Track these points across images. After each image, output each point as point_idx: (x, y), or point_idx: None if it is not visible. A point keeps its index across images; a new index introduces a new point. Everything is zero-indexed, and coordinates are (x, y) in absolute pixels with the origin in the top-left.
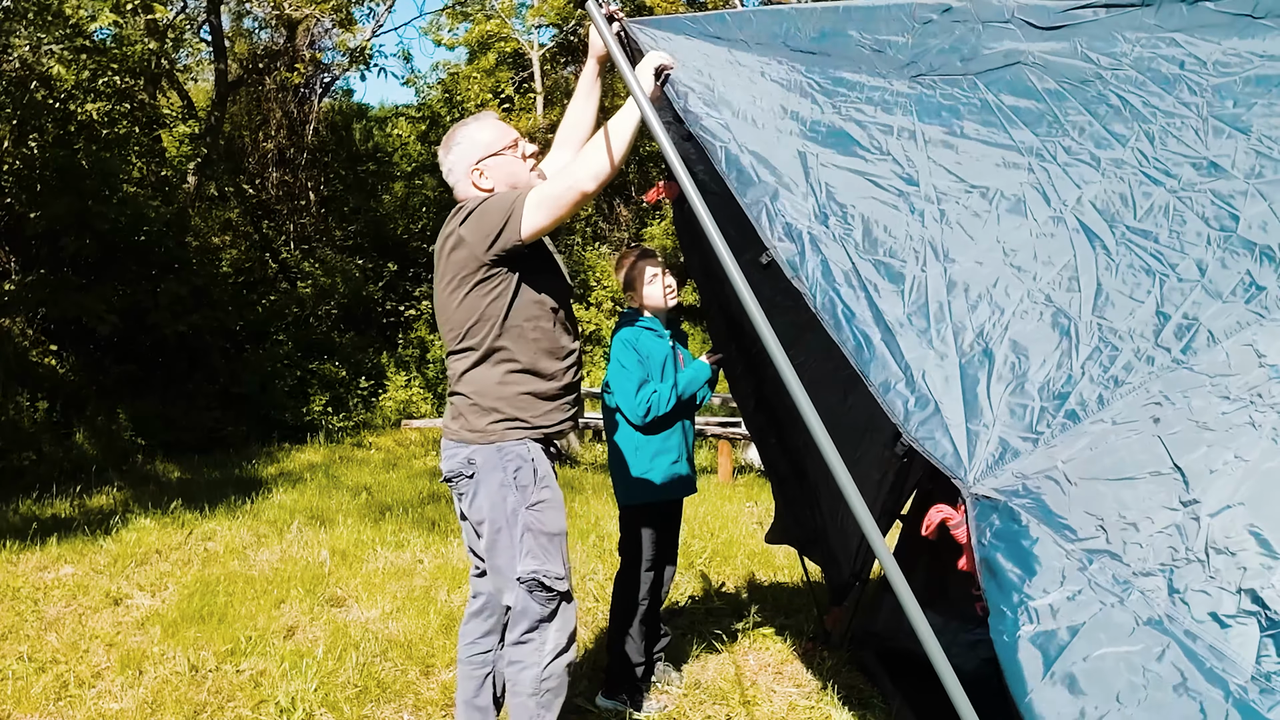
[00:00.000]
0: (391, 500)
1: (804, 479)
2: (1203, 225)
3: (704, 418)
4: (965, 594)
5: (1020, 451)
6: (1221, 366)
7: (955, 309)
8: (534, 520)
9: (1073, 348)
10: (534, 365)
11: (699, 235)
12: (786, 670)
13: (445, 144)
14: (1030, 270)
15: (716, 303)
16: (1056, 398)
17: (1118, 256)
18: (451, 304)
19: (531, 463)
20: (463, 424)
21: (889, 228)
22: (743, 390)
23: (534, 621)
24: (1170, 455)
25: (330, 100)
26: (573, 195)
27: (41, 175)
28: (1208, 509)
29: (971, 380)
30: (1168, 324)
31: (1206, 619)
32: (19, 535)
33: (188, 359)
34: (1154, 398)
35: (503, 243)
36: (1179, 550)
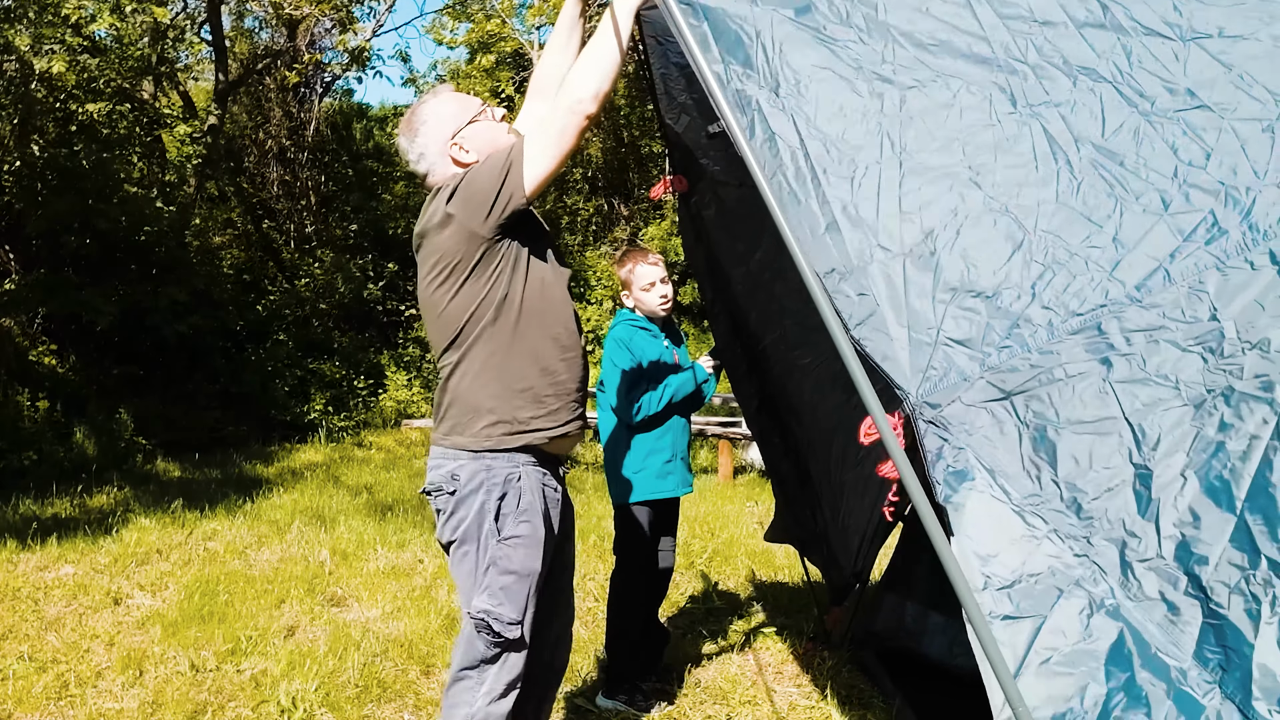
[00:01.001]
0: (392, 500)
1: (805, 479)
2: (1171, 156)
3: (704, 418)
4: None
5: (965, 372)
6: (1175, 311)
7: (906, 204)
8: (502, 555)
9: (1025, 265)
10: (540, 357)
11: (703, 233)
12: (787, 670)
13: (407, 128)
14: (990, 174)
15: (720, 301)
16: (1005, 316)
17: (1080, 174)
18: (444, 299)
19: (519, 491)
20: (453, 429)
21: (844, 107)
22: (745, 390)
23: (475, 660)
24: (1121, 404)
25: (330, 100)
26: (578, 121)
27: (42, 175)
28: (1161, 479)
29: (917, 285)
30: (1125, 256)
31: (1155, 596)
32: (19, 535)
33: (188, 358)
34: (1108, 337)
35: (505, 205)
36: (1129, 519)
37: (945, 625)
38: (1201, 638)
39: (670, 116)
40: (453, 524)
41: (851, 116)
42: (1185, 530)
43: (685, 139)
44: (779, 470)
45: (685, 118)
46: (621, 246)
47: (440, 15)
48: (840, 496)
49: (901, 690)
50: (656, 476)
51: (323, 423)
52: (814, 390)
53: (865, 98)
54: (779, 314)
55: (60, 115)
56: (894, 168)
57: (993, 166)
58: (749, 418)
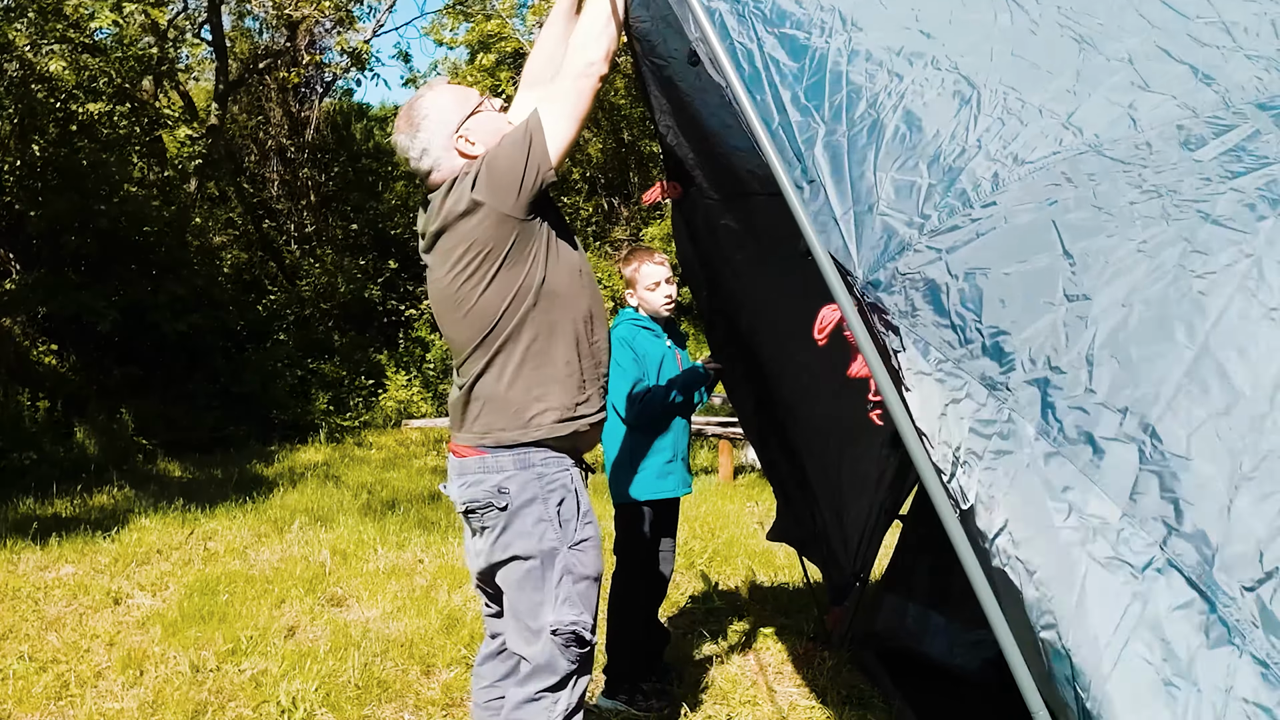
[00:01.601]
0: (392, 500)
1: (803, 479)
2: (1140, 21)
3: (704, 418)
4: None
5: (906, 241)
6: (1140, 155)
7: (851, 77)
8: (575, 562)
9: (972, 118)
10: (579, 340)
11: (696, 237)
12: (787, 670)
13: (407, 124)
14: (940, 38)
15: (715, 304)
16: (947, 173)
17: (1041, 30)
18: (474, 292)
19: (575, 493)
20: (491, 428)
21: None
22: (742, 392)
23: (557, 677)
24: (1061, 240)
25: (330, 100)
26: (591, 84)
27: (42, 175)
28: (1098, 308)
29: (858, 156)
30: (1085, 103)
31: (1079, 438)
32: (20, 534)
33: (189, 358)
34: (1054, 179)
35: (533, 178)
36: (1057, 355)
37: (946, 626)
38: (1138, 486)
39: (663, 128)
40: (505, 540)
41: (808, 3)
42: (1126, 360)
43: (677, 151)
44: (777, 470)
45: (677, 132)
46: (623, 247)
47: (440, 15)
48: (839, 496)
49: (902, 690)
50: (656, 477)
51: (323, 422)
52: (808, 390)
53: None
54: (769, 316)
55: (60, 115)
56: (842, 40)
57: (945, 30)
58: (745, 420)
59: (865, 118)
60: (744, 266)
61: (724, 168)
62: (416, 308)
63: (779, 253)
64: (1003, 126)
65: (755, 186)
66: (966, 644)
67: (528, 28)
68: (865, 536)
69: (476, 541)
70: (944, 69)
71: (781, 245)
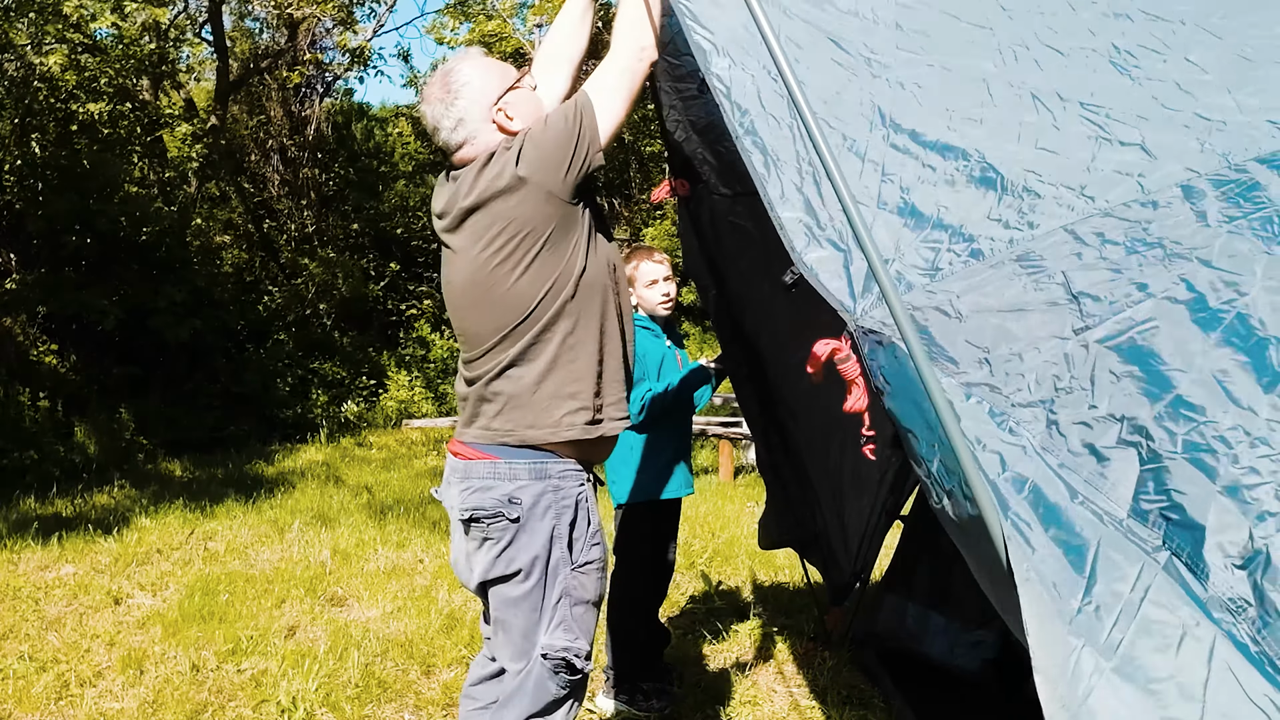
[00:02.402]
0: (393, 499)
1: (805, 480)
2: (1155, 107)
3: (704, 417)
4: (969, 594)
5: (914, 284)
6: (1145, 214)
7: (888, 169)
8: (576, 585)
9: (997, 199)
10: (612, 338)
11: (703, 236)
12: (787, 670)
13: (443, 92)
14: (963, 130)
15: (720, 304)
16: (964, 238)
17: (1063, 124)
18: (508, 278)
19: (588, 512)
20: (515, 425)
21: (841, 94)
22: (746, 391)
23: (545, 703)
24: (1069, 285)
25: (331, 100)
26: (643, 68)
27: (43, 174)
28: (1097, 335)
29: (886, 223)
30: (1098, 176)
31: (1082, 451)
32: (20, 534)
33: (189, 358)
34: (1063, 238)
35: (584, 159)
36: (1062, 379)
37: (946, 626)
38: (1139, 487)
39: (671, 125)
40: (510, 554)
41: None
42: (1126, 382)
43: (684, 149)
44: (779, 471)
45: (686, 131)
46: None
47: (441, 15)
48: (840, 497)
49: (902, 690)
50: (658, 477)
51: (323, 422)
52: (810, 391)
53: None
54: (772, 315)
55: (61, 115)
56: (880, 135)
57: (969, 124)
58: (750, 419)
59: (895, 199)
60: (750, 266)
61: (735, 164)
62: (418, 307)
63: (784, 254)
64: (1021, 201)
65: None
66: (966, 644)
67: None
68: (866, 537)
69: (475, 551)
70: (973, 159)
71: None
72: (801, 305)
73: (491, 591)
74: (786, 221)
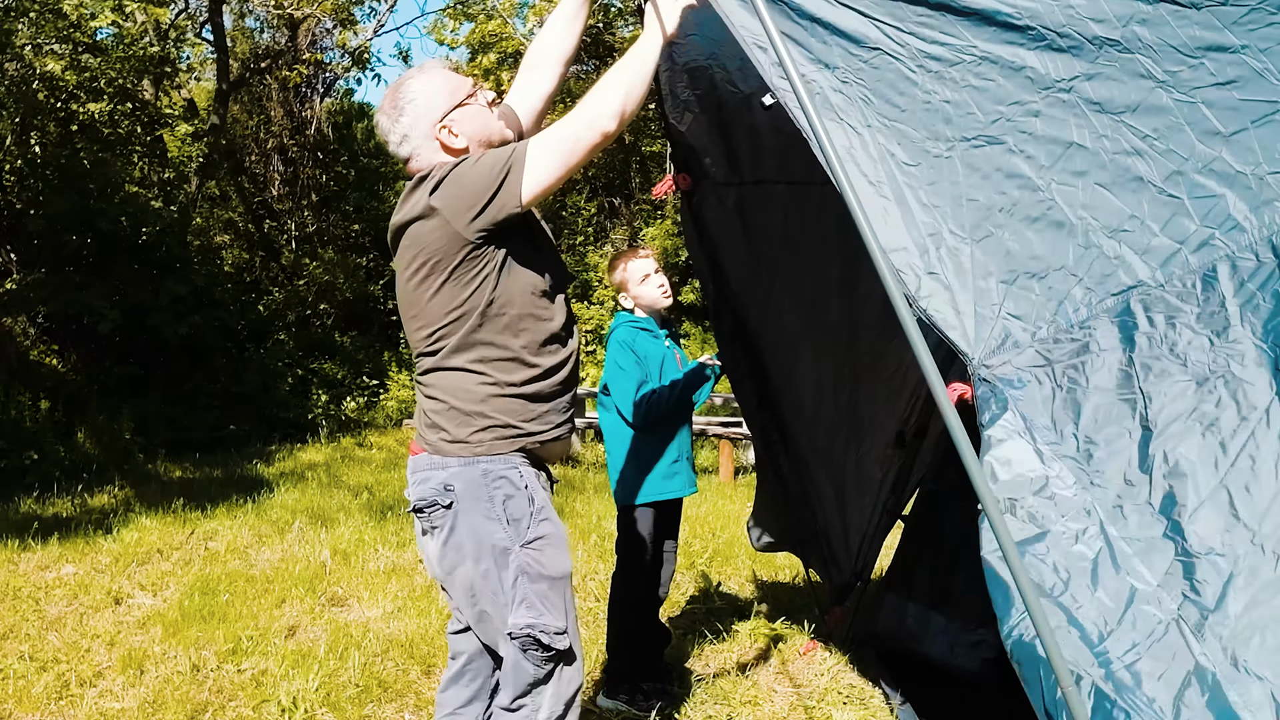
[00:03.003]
0: (393, 499)
1: (808, 477)
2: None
3: (705, 417)
4: (969, 594)
5: (1018, 341)
6: (1190, 297)
7: (971, 193)
8: (530, 561)
9: (1069, 247)
10: (526, 360)
11: (705, 232)
12: (787, 670)
13: (390, 106)
14: (1035, 159)
15: (722, 300)
16: (1053, 296)
17: (1109, 158)
18: (422, 296)
19: (525, 490)
20: (439, 435)
21: (901, 89)
22: (745, 389)
23: (525, 685)
24: (1137, 377)
25: (331, 100)
26: (592, 137)
27: (43, 174)
28: (1158, 440)
29: (981, 266)
30: (1151, 240)
31: (1140, 537)
32: (20, 534)
33: (189, 358)
34: (1134, 317)
35: (495, 212)
36: (1129, 471)
37: (946, 626)
38: (1171, 572)
39: (674, 115)
40: (455, 540)
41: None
42: (1172, 483)
43: (689, 138)
44: (779, 469)
45: (689, 115)
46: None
47: (441, 15)
48: (842, 496)
49: (902, 690)
50: (663, 478)
51: (324, 422)
52: (817, 390)
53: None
54: (779, 313)
55: (61, 115)
56: (959, 152)
57: (1036, 150)
58: (749, 416)
59: (985, 230)
60: (758, 262)
61: (741, 151)
62: None
63: (798, 249)
64: (1094, 259)
65: (786, 175)
66: (967, 644)
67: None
68: (867, 536)
69: (428, 543)
70: (1043, 193)
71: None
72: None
73: (452, 584)
74: (896, 260)
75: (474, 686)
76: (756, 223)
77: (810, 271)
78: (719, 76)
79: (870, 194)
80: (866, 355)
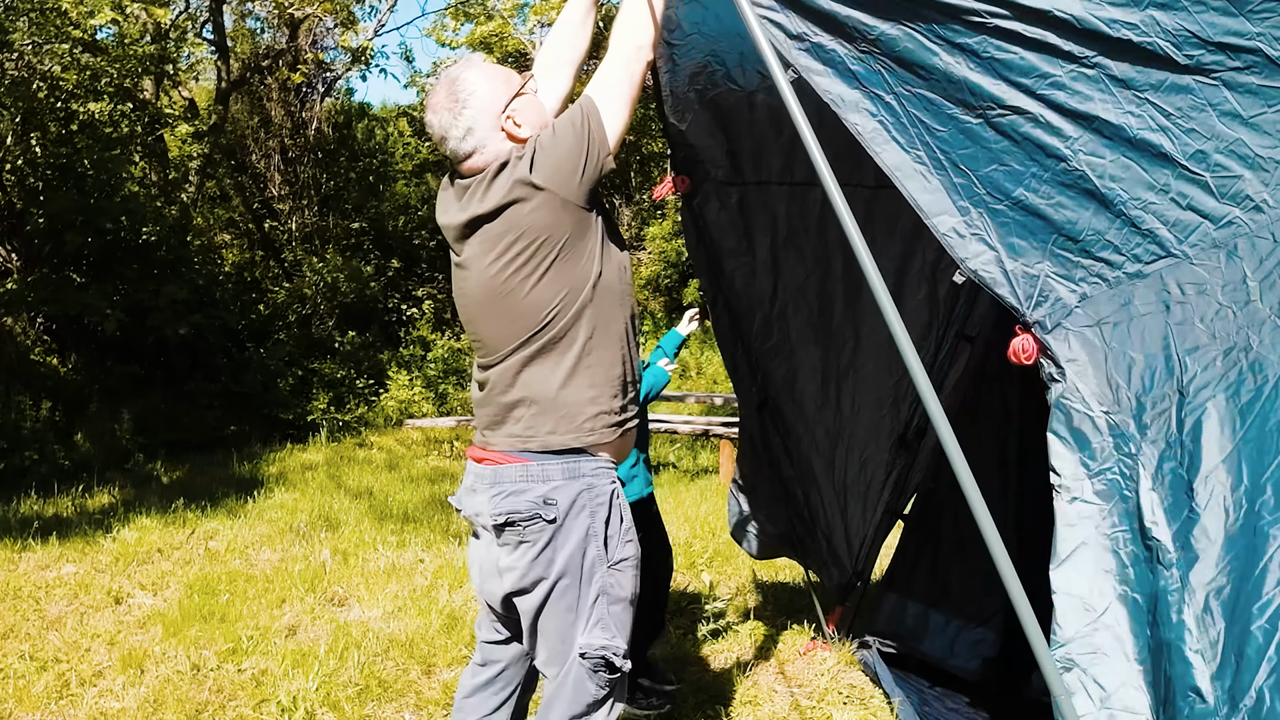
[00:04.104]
0: (393, 499)
1: (810, 477)
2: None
3: (706, 418)
4: (968, 593)
5: (1065, 301)
6: (1216, 272)
7: (1004, 160)
8: (612, 583)
9: (1104, 214)
10: (624, 341)
11: (705, 233)
12: (788, 670)
13: (450, 100)
14: (1068, 123)
15: (721, 301)
16: (1091, 258)
17: (1138, 131)
18: (524, 286)
19: (620, 509)
20: (538, 431)
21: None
22: (745, 389)
23: (585, 705)
24: (1174, 343)
25: (332, 99)
26: (641, 68)
27: (44, 174)
28: (1191, 405)
29: (1021, 227)
30: (1178, 214)
31: (1172, 498)
32: (21, 534)
33: (190, 358)
34: (1167, 287)
35: (595, 163)
36: (1170, 433)
37: (946, 625)
38: (1180, 528)
39: (674, 115)
40: (549, 555)
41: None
42: (1194, 447)
43: (689, 138)
44: (779, 469)
45: (689, 114)
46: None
47: (443, 15)
48: (843, 496)
49: (902, 690)
50: (625, 479)
51: (324, 422)
52: (821, 391)
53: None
54: (781, 315)
55: (62, 115)
56: (984, 122)
57: (1062, 122)
58: (749, 417)
59: (1018, 195)
60: (760, 264)
61: (742, 149)
62: (419, 307)
63: (802, 251)
64: (1125, 226)
65: (789, 176)
66: (967, 643)
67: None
68: (867, 537)
69: (507, 556)
70: (1071, 162)
71: (808, 242)
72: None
73: (526, 598)
74: (941, 225)
75: (502, 695)
76: (759, 224)
77: (814, 273)
78: (719, 74)
79: (907, 160)
80: (870, 358)
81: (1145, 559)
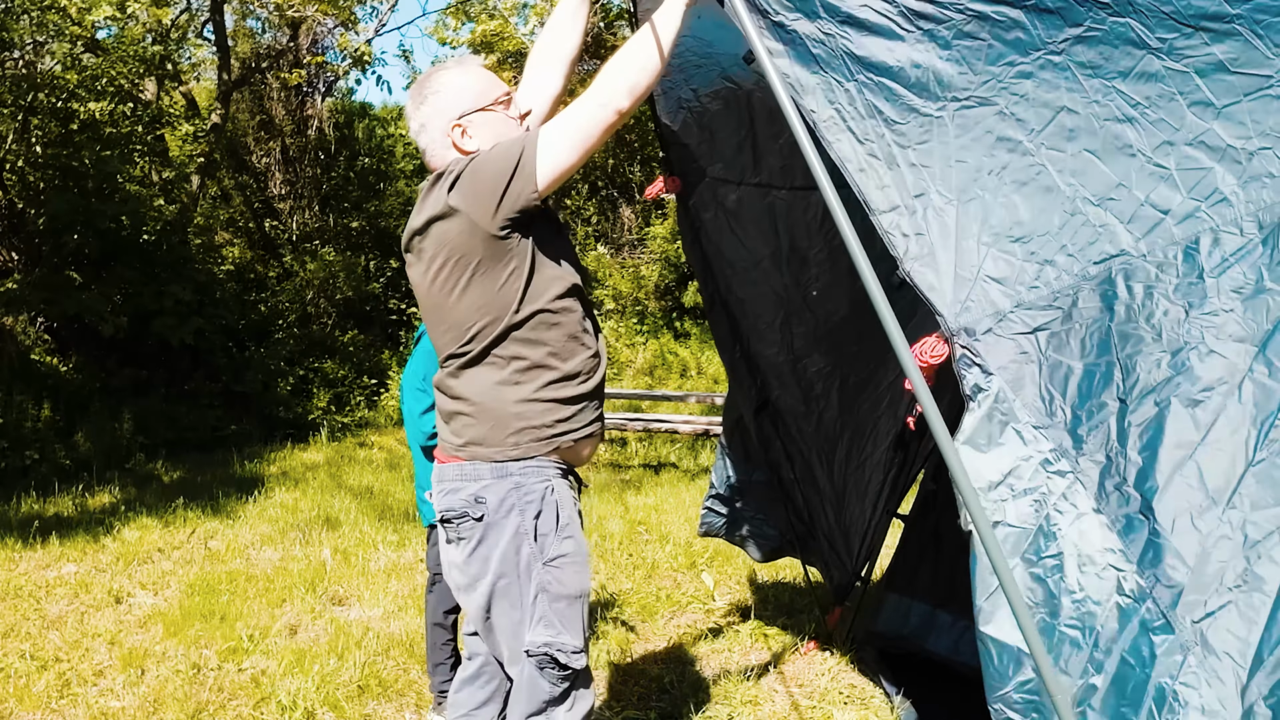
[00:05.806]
0: (394, 499)
1: (811, 477)
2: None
3: (706, 418)
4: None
5: (999, 306)
6: (1170, 269)
7: (961, 155)
8: (551, 580)
9: (1055, 213)
10: (557, 360)
11: (701, 234)
12: (788, 670)
13: (417, 94)
14: (1026, 122)
15: (720, 302)
16: (1035, 261)
17: (1100, 125)
18: (448, 299)
19: (555, 506)
20: (470, 441)
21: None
22: (745, 391)
23: (540, 703)
24: (1116, 349)
25: (333, 99)
26: (606, 116)
27: (44, 173)
28: (1133, 414)
29: (965, 228)
30: (1137, 209)
31: (1120, 516)
32: (21, 534)
33: (190, 358)
34: (1114, 287)
35: (514, 200)
36: (1110, 446)
37: (953, 623)
38: (1144, 552)
39: (667, 115)
40: (482, 553)
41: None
42: (1145, 458)
43: (682, 137)
44: (779, 469)
45: (683, 113)
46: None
47: (443, 15)
48: (843, 496)
49: (903, 690)
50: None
51: (325, 422)
52: (822, 393)
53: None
54: (780, 316)
55: (62, 114)
56: (949, 112)
57: (1027, 113)
58: (749, 418)
59: (972, 193)
60: (757, 264)
61: (751, 150)
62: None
63: (802, 252)
64: (1079, 226)
65: (788, 180)
66: (971, 643)
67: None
68: (867, 537)
69: (452, 552)
70: (1033, 157)
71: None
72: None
73: (471, 597)
74: (885, 222)
75: (489, 688)
76: (757, 224)
77: (814, 274)
78: (715, 73)
79: (860, 152)
80: (869, 358)
81: (1094, 590)
